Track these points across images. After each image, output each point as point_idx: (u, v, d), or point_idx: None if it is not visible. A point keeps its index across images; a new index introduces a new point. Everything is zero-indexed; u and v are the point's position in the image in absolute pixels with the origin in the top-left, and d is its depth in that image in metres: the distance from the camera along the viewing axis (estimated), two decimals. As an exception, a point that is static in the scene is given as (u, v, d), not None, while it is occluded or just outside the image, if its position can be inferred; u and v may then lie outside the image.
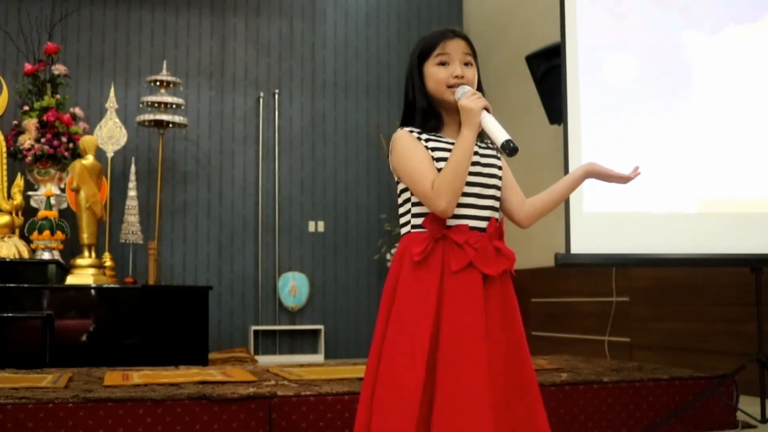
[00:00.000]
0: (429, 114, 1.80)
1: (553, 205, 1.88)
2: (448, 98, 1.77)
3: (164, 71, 6.24)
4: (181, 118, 6.26)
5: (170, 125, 6.25)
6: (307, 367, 3.81)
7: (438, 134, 1.78)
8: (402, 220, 1.82)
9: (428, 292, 1.68)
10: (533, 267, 5.79)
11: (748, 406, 3.52)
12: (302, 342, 6.90)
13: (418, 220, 1.75)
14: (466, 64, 1.80)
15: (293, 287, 6.87)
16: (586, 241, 3.49)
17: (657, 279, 5.07)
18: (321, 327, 6.84)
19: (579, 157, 3.52)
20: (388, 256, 6.84)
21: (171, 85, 6.22)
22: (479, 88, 1.83)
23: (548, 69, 5.16)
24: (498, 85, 6.56)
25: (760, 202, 3.61)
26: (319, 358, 6.70)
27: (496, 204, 1.79)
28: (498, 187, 1.80)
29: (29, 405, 2.59)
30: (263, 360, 6.28)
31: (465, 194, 1.72)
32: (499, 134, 1.67)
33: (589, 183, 1.90)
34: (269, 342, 6.82)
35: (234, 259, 6.82)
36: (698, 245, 3.53)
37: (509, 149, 1.65)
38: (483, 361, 1.63)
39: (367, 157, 7.20)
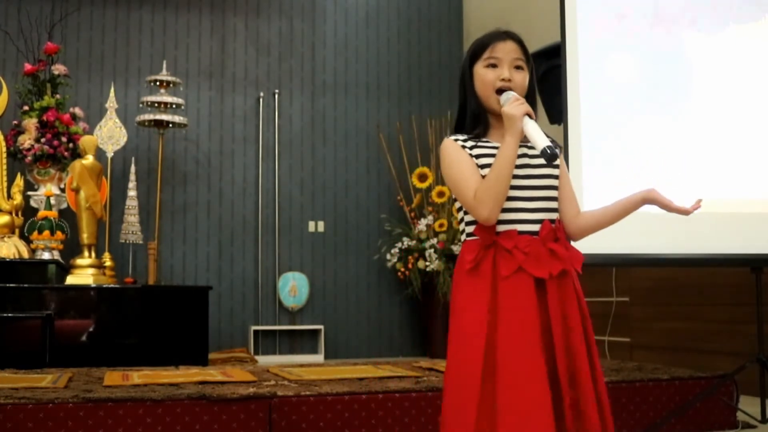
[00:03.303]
0: (479, 117, 1.79)
1: (605, 225, 1.86)
2: (492, 103, 1.76)
3: (164, 71, 6.24)
4: (181, 118, 6.26)
5: (170, 125, 6.24)
6: (307, 367, 3.81)
7: (484, 139, 1.77)
8: (460, 228, 1.84)
9: (481, 299, 1.67)
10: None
11: (748, 406, 3.52)
12: (302, 342, 6.90)
13: (471, 228, 1.76)
14: (517, 67, 1.78)
15: (293, 287, 6.87)
16: (586, 241, 3.47)
17: (657, 279, 5.06)
18: (321, 327, 6.84)
19: (579, 157, 3.51)
20: (388, 256, 6.84)
21: (171, 85, 6.22)
22: (531, 91, 1.81)
23: (548, 69, 5.16)
24: (498, 85, 6.54)
25: (760, 202, 3.61)
26: (319, 358, 6.69)
27: (552, 205, 1.76)
28: (553, 188, 1.77)
29: (29, 405, 2.59)
30: (263, 360, 6.28)
31: (513, 198, 1.71)
32: (540, 140, 1.66)
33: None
34: (269, 342, 6.81)
35: (234, 259, 6.82)
36: (698, 245, 3.53)
37: (548, 156, 1.64)
38: (540, 369, 1.62)
39: (367, 157, 7.20)
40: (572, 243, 1.85)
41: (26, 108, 5.99)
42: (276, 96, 7.04)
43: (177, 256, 6.68)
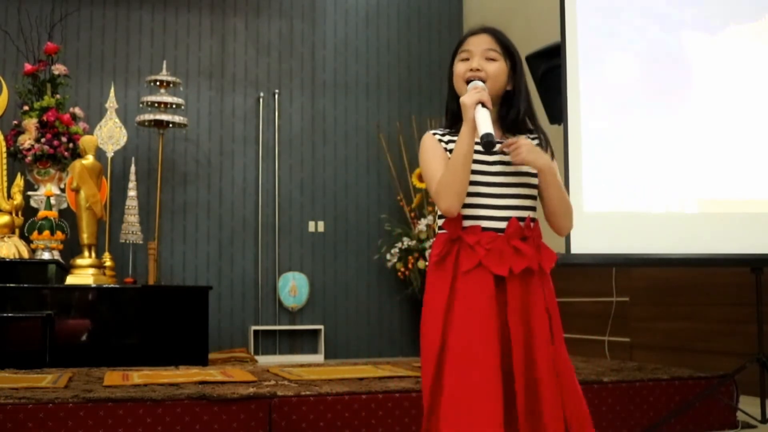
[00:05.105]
0: (457, 115, 1.79)
1: (551, 201, 1.77)
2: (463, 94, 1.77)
3: (164, 71, 6.24)
4: (181, 118, 6.26)
5: (170, 125, 6.24)
6: (307, 367, 3.81)
7: None
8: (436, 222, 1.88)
9: (442, 292, 1.71)
10: (533, 267, 5.77)
11: (748, 406, 3.51)
12: (302, 342, 6.90)
13: (441, 222, 1.78)
14: (489, 59, 1.78)
15: (293, 287, 6.87)
16: (586, 241, 3.49)
17: (657, 279, 5.06)
18: (321, 327, 6.84)
19: (579, 157, 3.51)
20: (388, 256, 6.84)
21: (171, 85, 6.22)
22: (517, 87, 1.80)
23: (548, 69, 5.15)
24: (498, 85, 6.54)
25: (760, 202, 3.61)
26: (319, 358, 6.69)
27: (525, 203, 1.75)
28: (529, 186, 1.76)
29: (29, 405, 2.59)
30: (263, 360, 6.28)
31: (480, 195, 1.72)
32: (482, 128, 1.65)
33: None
34: (269, 342, 6.81)
35: (234, 259, 6.82)
36: (698, 245, 3.52)
37: (484, 143, 1.63)
38: (491, 364, 1.63)
39: (367, 157, 7.20)
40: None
41: (26, 108, 5.99)
42: (276, 96, 7.04)
43: (177, 256, 6.68)
